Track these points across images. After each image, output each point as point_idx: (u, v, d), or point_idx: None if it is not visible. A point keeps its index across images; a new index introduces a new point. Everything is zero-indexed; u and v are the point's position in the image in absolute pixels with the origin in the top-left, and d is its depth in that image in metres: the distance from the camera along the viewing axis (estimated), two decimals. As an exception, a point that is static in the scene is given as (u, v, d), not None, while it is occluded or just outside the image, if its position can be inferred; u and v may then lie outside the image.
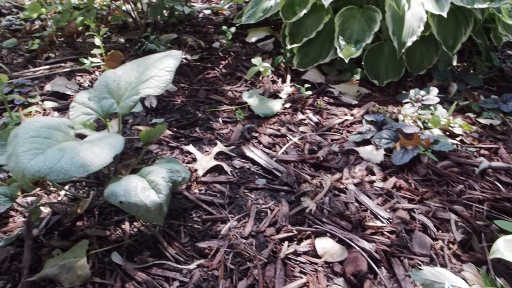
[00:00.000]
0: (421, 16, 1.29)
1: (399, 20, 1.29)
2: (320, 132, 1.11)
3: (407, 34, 1.29)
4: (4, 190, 0.68)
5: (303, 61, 1.40)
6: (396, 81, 1.38)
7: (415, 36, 1.28)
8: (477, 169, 0.98)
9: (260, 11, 1.52)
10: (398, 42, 1.29)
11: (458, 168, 0.98)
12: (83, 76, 1.36)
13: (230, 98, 1.27)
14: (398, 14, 1.28)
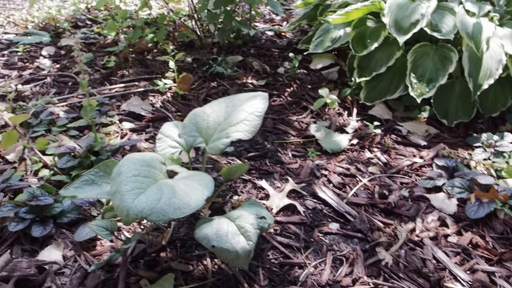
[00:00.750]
0: (500, 58, 1.25)
1: (476, 61, 1.26)
2: (389, 174, 1.10)
3: (484, 76, 1.25)
4: (106, 224, 0.73)
5: (370, 95, 1.39)
6: (466, 122, 1.34)
7: (492, 79, 1.24)
8: (558, 230, 0.93)
9: (328, 41, 1.52)
10: (474, 84, 1.25)
11: (538, 228, 0.94)
12: (155, 96, 1.42)
13: (297, 129, 1.28)
14: (476, 55, 1.25)
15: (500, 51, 1.26)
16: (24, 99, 1.37)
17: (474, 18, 1.28)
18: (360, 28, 1.43)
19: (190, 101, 1.40)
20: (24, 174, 1.01)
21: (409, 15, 1.28)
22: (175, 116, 1.30)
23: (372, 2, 1.36)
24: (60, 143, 1.11)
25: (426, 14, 1.27)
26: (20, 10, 2.37)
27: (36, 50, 1.75)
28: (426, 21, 1.27)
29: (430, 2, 1.29)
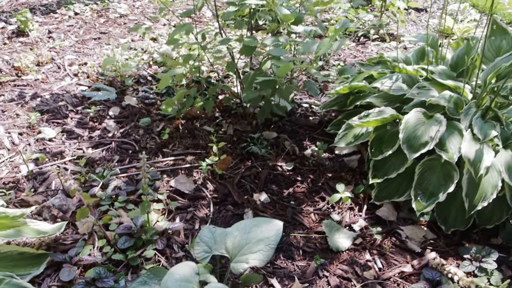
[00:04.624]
0: (497, 184, 1.43)
1: (474, 184, 1.44)
2: (380, 280, 1.32)
3: (479, 199, 1.43)
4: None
5: (380, 194, 1.61)
6: (462, 230, 1.53)
7: (486, 202, 1.42)
8: None
9: (351, 136, 1.75)
10: (469, 205, 1.44)
11: None
12: (199, 172, 1.72)
13: (312, 221, 1.53)
14: (474, 179, 1.43)
15: (497, 177, 1.43)
16: (93, 165, 1.71)
17: (478, 144, 1.46)
18: (380, 131, 1.65)
19: (226, 180, 1.68)
20: (92, 248, 1.33)
21: (420, 136, 1.49)
22: (212, 197, 1.59)
23: (391, 115, 1.58)
24: (120, 220, 1.43)
25: (435, 137, 1.47)
26: (91, 55, 2.76)
27: (104, 109, 2.11)
28: (435, 143, 1.47)
29: (440, 126, 1.49)
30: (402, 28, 3.96)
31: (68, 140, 1.88)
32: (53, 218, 1.45)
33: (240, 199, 1.58)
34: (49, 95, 2.21)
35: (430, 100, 1.57)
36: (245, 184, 1.67)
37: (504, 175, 1.42)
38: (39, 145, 1.83)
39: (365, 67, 1.97)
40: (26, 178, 1.64)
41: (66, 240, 1.37)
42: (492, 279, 1.36)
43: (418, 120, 1.53)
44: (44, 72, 2.49)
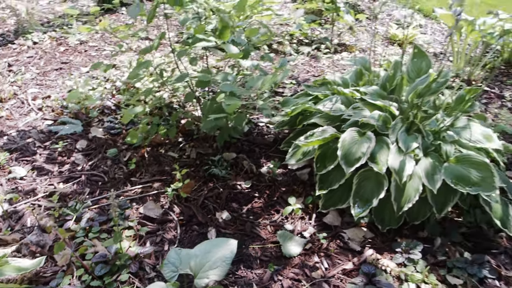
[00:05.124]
0: (418, 188, 1.72)
1: (400, 190, 1.74)
2: (326, 278, 1.59)
3: (405, 201, 1.73)
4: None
5: (326, 203, 1.88)
6: (395, 228, 1.82)
7: (411, 203, 1.71)
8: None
9: (300, 154, 2.02)
10: (397, 207, 1.73)
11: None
12: (165, 197, 1.93)
13: (268, 232, 1.78)
14: (399, 186, 1.73)
15: (418, 182, 1.74)
16: (65, 199, 1.89)
17: (402, 156, 1.76)
18: (323, 149, 1.92)
19: (191, 202, 1.91)
20: (71, 278, 1.52)
21: (354, 152, 1.77)
22: (178, 219, 1.81)
23: (331, 134, 1.85)
24: (95, 249, 1.62)
25: (366, 153, 1.75)
26: (54, 87, 2.90)
27: (71, 143, 2.28)
28: (367, 158, 1.75)
29: (370, 142, 1.78)
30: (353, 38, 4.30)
31: (39, 177, 2.04)
32: (32, 254, 1.62)
33: (204, 219, 1.81)
34: (15, 133, 2.36)
35: (362, 120, 1.86)
36: (208, 205, 1.90)
37: (424, 180, 1.72)
38: (11, 184, 1.99)
39: (311, 89, 2.25)
40: (2, 218, 1.80)
41: (46, 273, 1.55)
42: (418, 267, 1.65)
43: (352, 138, 1.81)
44: (8, 109, 2.62)
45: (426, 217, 1.81)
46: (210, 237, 1.73)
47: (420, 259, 1.68)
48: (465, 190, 1.66)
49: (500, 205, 1.79)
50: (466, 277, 1.64)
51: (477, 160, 1.74)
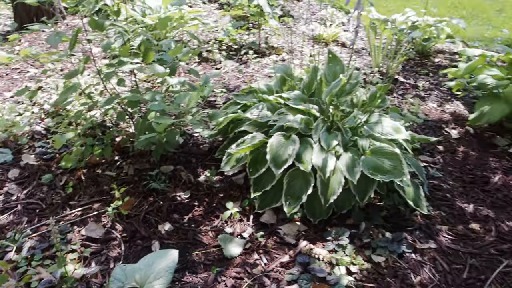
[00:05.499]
0: (341, 181, 1.95)
1: (325, 184, 1.95)
2: (266, 273, 1.76)
3: (330, 194, 1.94)
4: None
5: (261, 204, 2.05)
6: (325, 218, 2.04)
7: (335, 195, 1.93)
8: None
9: (233, 161, 2.17)
10: (324, 200, 1.94)
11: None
12: (107, 216, 1.99)
13: (210, 237, 1.92)
14: (324, 181, 1.94)
15: (341, 175, 1.96)
16: (3, 231, 1.89)
17: (324, 154, 1.97)
18: (254, 154, 2.09)
19: (132, 218, 1.99)
20: (19, 307, 1.55)
21: (281, 155, 1.95)
22: (122, 237, 1.88)
23: (260, 140, 2.02)
24: (40, 276, 1.66)
25: (292, 154, 1.95)
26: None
27: (2, 173, 2.24)
28: (293, 159, 1.95)
29: (295, 145, 1.97)
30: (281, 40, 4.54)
31: (-29, 211, 2.00)
32: (-27, 289, 1.61)
33: (147, 233, 1.91)
34: None
35: (287, 124, 2.05)
36: (150, 219, 1.99)
37: (345, 173, 1.95)
38: None
39: (239, 98, 2.41)
40: None
41: (-9, 307, 1.56)
42: (346, 251, 1.88)
43: (279, 142, 2.00)
44: None
45: (351, 205, 2.05)
46: (154, 249, 1.82)
47: (348, 244, 1.90)
48: (380, 178, 1.92)
49: (412, 188, 2.08)
50: (388, 254, 1.90)
51: (388, 151, 2.01)
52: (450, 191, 2.34)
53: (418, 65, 4.47)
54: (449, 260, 1.88)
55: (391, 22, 4.07)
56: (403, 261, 1.86)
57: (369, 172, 1.93)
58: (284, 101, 2.20)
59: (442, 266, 1.84)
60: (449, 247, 1.95)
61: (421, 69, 4.31)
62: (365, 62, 4.42)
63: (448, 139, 2.91)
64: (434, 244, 1.96)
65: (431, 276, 1.79)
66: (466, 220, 2.13)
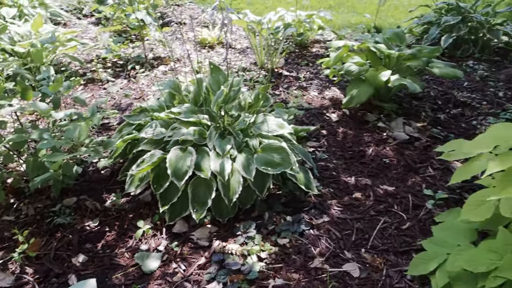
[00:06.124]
0: (240, 180, 2.20)
1: (226, 186, 2.18)
2: (186, 278, 1.94)
3: (233, 193, 2.18)
4: None
5: (172, 216, 2.20)
6: (233, 216, 2.28)
7: (237, 194, 2.17)
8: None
9: (137, 181, 2.28)
10: (228, 200, 2.17)
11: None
12: (13, 263, 1.96)
13: (127, 258, 2.02)
14: (225, 184, 2.17)
15: (239, 175, 2.21)
16: None
17: (220, 159, 2.20)
18: (156, 171, 2.23)
19: (43, 258, 1.99)
20: None
21: (181, 167, 2.13)
22: (34, 279, 1.89)
23: (159, 157, 2.17)
24: None
25: (191, 165, 2.13)
26: None
27: None
28: (193, 169, 2.14)
29: (192, 156, 2.16)
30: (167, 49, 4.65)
31: None
32: None
33: (61, 269, 1.94)
34: None
35: (181, 138, 2.23)
36: (62, 254, 2.02)
37: (242, 173, 2.20)
38: None
39: (131, 118, 2.51)
40: None
41: None
42: (255, 241, 2.14)
43: (177, 156, 2.17)
44: None
45: (254, 199, 2.32)
46: (72, 283, 1.87)
47: (256, 234, 2.16)
48: (272, 171, 2.21)
49: (302, 173, 2.41)
50: (291, 235, 2.20)
51: (276, 146, 2.31)
52: (335, 169, 2.75)
53: (299, 57, 4.95)
54: (340, 229, 2.25)
55: (266, 22, 4.46)
56: (304, 238, 2.18)
57: (262, 168, 2.21)
58: (176, 116, 2.37)
59: (335, 235, 2.21)
60: (339, 217, 2.33)
61: (302, 61, 4.80)
62: (251, 60, 4.76)
63: (329, 122, 3.36)
64: (327, 217, 2.32)
65: (327, 246, 2.13)
66: (350, 191, 2.54)
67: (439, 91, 3.94)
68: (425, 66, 3.30)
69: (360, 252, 2.09)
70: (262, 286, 1.88)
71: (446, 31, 4.92)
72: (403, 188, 2.55)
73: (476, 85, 4.05)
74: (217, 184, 2.18)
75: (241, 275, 1.92)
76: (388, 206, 2.40)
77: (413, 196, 2.46)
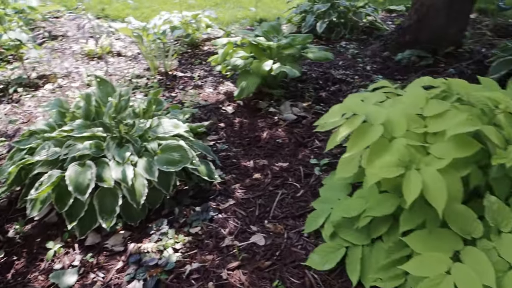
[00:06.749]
0: (144, 183, 2.33)
1: (131, 191, 2.30)
2: (107, 284, 2.03)
3: (139, 197, 2.30)
4: None
5: (82, 230, 2.26)
6: (144, 218, 2.41)
7: (144, 196, 2.30)
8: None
9: (39, 204, 2.28)
10: (136, 203, 2.29)
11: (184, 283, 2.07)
12: None
13: (42, 280, 2.05)
14: (130, 189, 2.29)
15: (143, 179, 2.34)
16: None
17: (121, 167, 2.31)
18: (58, 190, 2.25)
19: None
20: None
21: (82, 182, 2.19)
22: None
23: (57, 176, 2.21)
24: None
25: (92, 178, 2.21)
26: None
27: None
28: (95, 181, 2.22)
29: (91, 169, 2.24)
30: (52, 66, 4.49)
31: None
32: None
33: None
34: None
35: (78, 154, 2.29)
36: (-31, 293, 1.97)
37: (146, 176, 2.33)
38: None
39: (21, 144, 2.48)
40: None
41: None
42: (169, 235, 2.30)
43: (76, 172, 2.23)
44: None
45: (162, 198, 2.47)
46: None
47: (168, 229, 2.33)
48: (174, 169, 2.38)
49: (203, 166, 2.62)
50: (201, 223, 2.40)
51: (174, 145, 2.48)
52: (235, 156, 3.01)
53: (192, 57, 5.14)
54: (244, 208, 2.51)
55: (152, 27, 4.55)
56: (213, 223, 2.40)
57: (164, 167, 2.37)
58: (69, 133, 2.41)
59: (241, 214, 2.46)
60: (243, 198, 2.59)
61: (195, 60, 4.99)
62: (144, 66, 4.82)
63: (226, 115, 3.61)
64: (232, 200, 2.57)
65: (235, 225, 2.38)
66: (250, 173, 2.82)
67: (319, 72, 4.43)
68: (300, 53, 3.71)
69: (264, 224, 2.37)
70: (180, 272, 2.07)
71: (320, 18, 5.48)
72: (295, 162, 2.90)
73: (349, 63, 4.62)
74: (122, 191, 2.29)
75: (159, 268, 2.08)
76: (284, 179, 2.73)
77: (304, 167, 2.83)
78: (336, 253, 2.04)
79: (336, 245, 2.06)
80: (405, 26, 4.64)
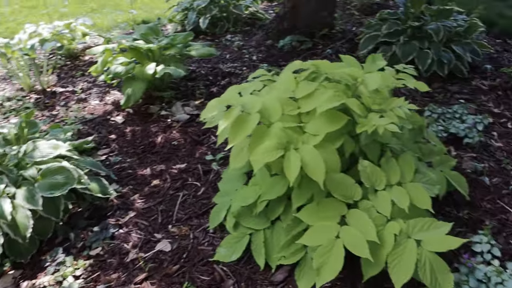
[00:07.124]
0: (27, 215, 2.14)
1: (13, 226, 2.10)
2: (-1, 333, 1.84)
3: (24, 230, 2.11)
4: None
5: (-40, 281, 2.02)
6: (35, 252, 2.22)
7: (30, 229, 2.10)
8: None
9: None
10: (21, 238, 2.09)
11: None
12: None
13: None
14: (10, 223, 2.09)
15: (25, 210, 2.15)
16: None
17: (-4, 201, 2.09)
18: None
19: None
20: None
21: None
22: None
23: None
24: None
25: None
26: None
27: None
28: (-35, 223, 1.98)
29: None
30: None
31: None
32: None
33: None
34: None
35: None
36: None
37: (28, 206, 2.14)
38: None
39: None
40: None
41: None
42: (67, 263, 2.13)
43: None
44: None
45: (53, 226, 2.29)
46: None
47: (65, 257, 2.18)
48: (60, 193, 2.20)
49: (95, 183, 2.49)
50: (101, 242, 2.28)
51: (56, 168, 2.30)
52: (130, 166, 2.91)
53: (72, 69, 4.81)
54: (146, 217, 2.45)
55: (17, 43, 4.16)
56: (115, 240, 2.30)
57: (48, 193, 2.19)
58: None
59: (143, 224, 2.40)
60: (143, 207, 2.53)
61: (76, 72, 4.68)
62: (17, 86, 4.40)
63: (116, 126, 3.47)
64: (133, 212, 2.49)
65: (138, 236, 2.31)
66: (148, 181, 2.76)
67: (208, 68, 4.46)
68: (183, 51, 3.69)
69: (168, 229, 2.35)
70: (83, 300, 1.96)
71: (202, 14, 5.50)
72: (193, 161, 2.91)
73: (236, 55, 4.73)
74: (2, 228, 2.08)
75: (58, 301, 1.95)
76: (183, 181, 2.72)
77: (202, 165, 2.84)
78: (241, 242, 2.10)
79: (240, 234, 2.13)
80: (281, 14, 4.89)
